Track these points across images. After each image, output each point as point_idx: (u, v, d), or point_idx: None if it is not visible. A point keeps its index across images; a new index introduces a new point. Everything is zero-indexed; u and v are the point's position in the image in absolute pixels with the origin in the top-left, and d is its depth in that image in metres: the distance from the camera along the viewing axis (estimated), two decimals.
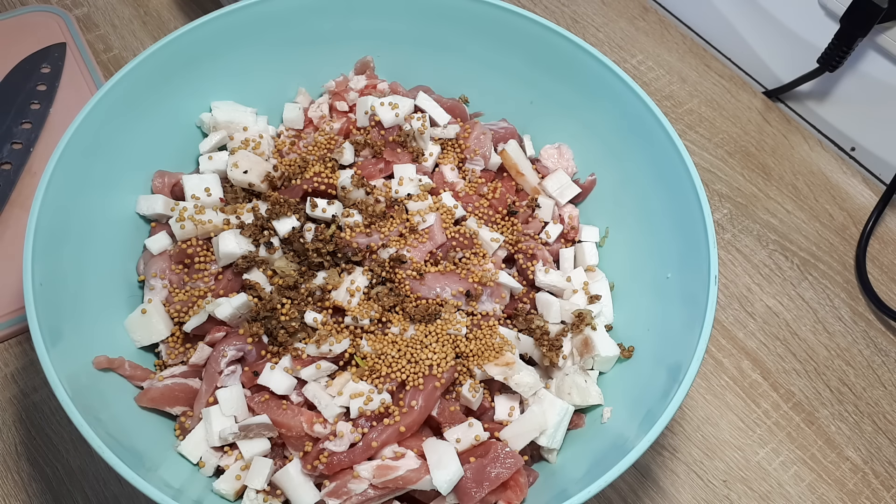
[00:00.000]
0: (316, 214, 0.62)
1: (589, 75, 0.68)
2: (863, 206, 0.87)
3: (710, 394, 0.74)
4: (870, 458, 0.72)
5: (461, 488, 0.54)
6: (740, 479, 0.70)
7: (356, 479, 0.53)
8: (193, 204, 0.63)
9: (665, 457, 0.70)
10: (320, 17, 0.71)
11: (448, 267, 0.61)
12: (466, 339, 0.58)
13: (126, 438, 0.52)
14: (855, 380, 0.76)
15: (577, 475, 0.54)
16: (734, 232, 0.84)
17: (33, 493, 0.64)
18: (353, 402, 0.54)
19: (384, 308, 0.58)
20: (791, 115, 0.95)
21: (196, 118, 0.70)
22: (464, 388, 0.56)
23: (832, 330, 0.79)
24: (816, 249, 0.84)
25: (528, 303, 0.64)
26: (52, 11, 0.90)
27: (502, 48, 0.71)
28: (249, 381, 0.57)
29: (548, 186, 0.70)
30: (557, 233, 0.68)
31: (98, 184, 0.61)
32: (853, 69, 0.88)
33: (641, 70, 0.95)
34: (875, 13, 0.80)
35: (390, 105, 0.67)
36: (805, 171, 0.89)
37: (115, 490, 0.64)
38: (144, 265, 0.63)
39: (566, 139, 0.72)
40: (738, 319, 0.78)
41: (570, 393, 0.59)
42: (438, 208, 0.64)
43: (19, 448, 0.66)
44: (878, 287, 0.81)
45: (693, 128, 0.91)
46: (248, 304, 0.57)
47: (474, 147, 0.68)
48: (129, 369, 0.57)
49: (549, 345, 0.60)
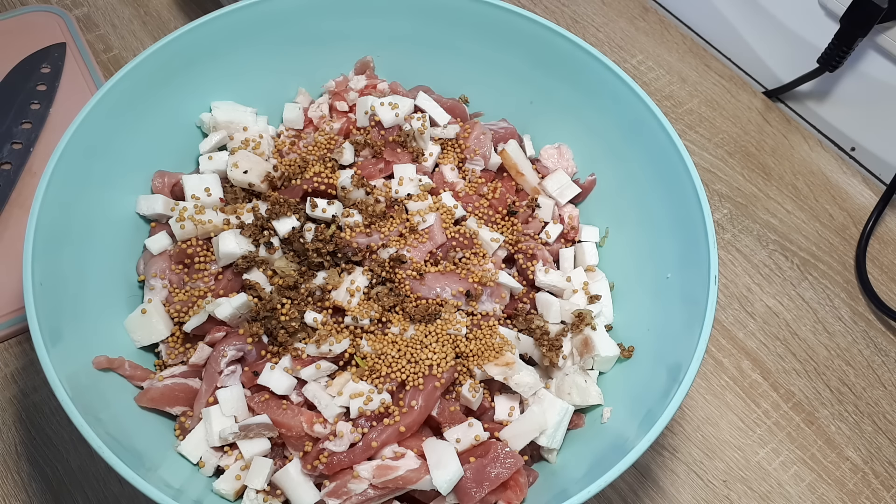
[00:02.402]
0: (316, 214, 0.62)
1: (589, 75, 0.68)
2: (863, 206, 0.87)
3: (710, 394, 0.74)
4: (870, 458, 0.72)
5: (461, 488, 0.54)
6: (740, 479, 0.70)
7: (356, 479, 0.53)
8: (193, 204, 0.63)
9: (665, 457, 0.70)
10: (320, 17, 0.71)
11: (448, 267, 0.61)
12: (466, 339, 0.58)
13: (126, 438, 0.52)
14: (855, 380, 0.76)
15: (577, 475, 0.54)
16: (734, 232, 0.84)
17: (33, 493, 0.64)
18: (353, 402, 0.54)
19: (384, 308, 0.59)
20: (791, 115, 0.95)
21: (196, 118, 0.70)
22: (464, 388, 0.56)
23: (832, 330, 0.79)
24: (816, 249, 0.84)
25: (528, 303, 0.64)
26: (52, 11, 0.90)
27: (502, 48, 0.71)
28: (249, 381, 0.57)
29: (548, 186, 0.70)
30: (557, 233, 0.68)
31: (98, 184, 0.61)
32: (853, 69, 0.88)
33: (641, 70, 0.95)
34: (875, 13, 0.80)
35: (390, 105, 0.67)
36: (805, 171, 0.89)
37: (115, 490, 0.64)
38: (144, 265, 0.63)
39: (566, 139, 0.72)
40: (738, 319, 0.78)
41: (570, 393, 0.59)
42: (438, 208, 0.64)
43: (19, 448, 0.66)
44: (878, 287, 0.81)
45: (693, 128, 0.91)
46: (248, 304, 0.57)
47: (474, 147, 0.68)
48: (129, 369, 0.57)
49: (549, 345, 0.60)
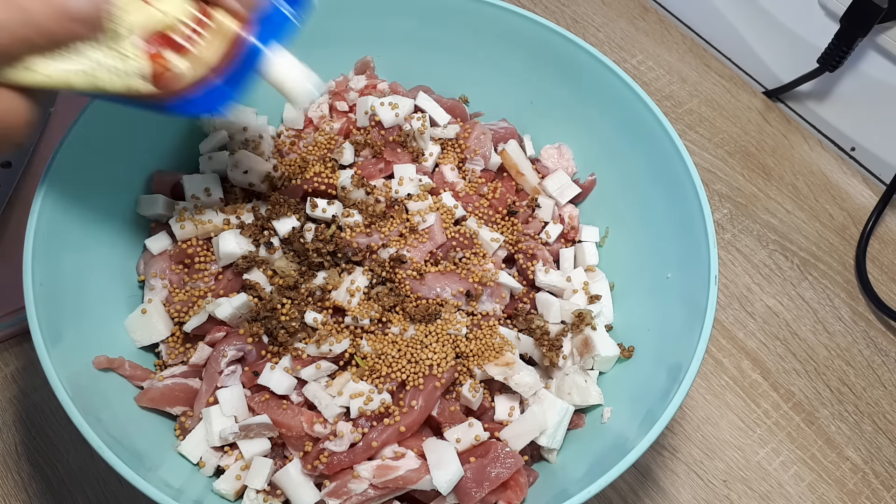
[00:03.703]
0: (316, 214, 0.62)
1: (589, 75, 0.68)
2: (863, 206, 0.87)
3: (710, 394, 0.74)
4: (870, 458, 0.72)
5: (461, 488, 0.54)
6: (740, 479, 0.70)
7: (356, 479, 0.53)
8: (193, 204, 0.63)
9: (665, 457, 0.70)
10: (320, 17, 0.71)
11: (448, 267, 0.61)
12: (466, 339, 0.58)
13: (126, 438, 0.52)
14: (855, 380, 0.76)
15: (577, 475, 0.54)
16: (734, 232, 0.84)
17: (33, 493, 0.64)
18: (354, 402, 0.54)
19: (384, 308, 0.59)
20: (791, 115, 0.95)
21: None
22: (464, 388, 0.56)
23: (832, 330, 0.79)
24: (816, 249, 0.84)
25: (528, 303, 0.64)
26: None
27: (502, 48, 0.71)
28: (249, 381, 0.57)
29: (548, 186, 0.70)
30: (557, 233, 0.68)
31: (98, 184, 0.61)
32: (853, 69, 0.88)
33: (641, 70, 0.95)
34: (875, 13, 0.80)
35: (390, 105, 0.67)
36: (805, 171, 0.89)
37: (116, 490, 0.64)
38: (144, 265, 0.63)
39: (566, 139, 0.72)
40: (738, 319, 0.78)
41: (570, 393, 0.59)
42: (438, 208, 0.64)
43: (19, 448, 0.66)
44: (878, 287, 0.81)
45: (693, 128, 0.91)
46: (249, 304, 0.57)
47: (474, 147, 0.68)
48: (129, 369, 0.57)
49: (549, 345, 0.60)
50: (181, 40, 0.44)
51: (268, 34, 0.48)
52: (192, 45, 0.44)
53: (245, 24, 0.47)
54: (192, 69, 0.45)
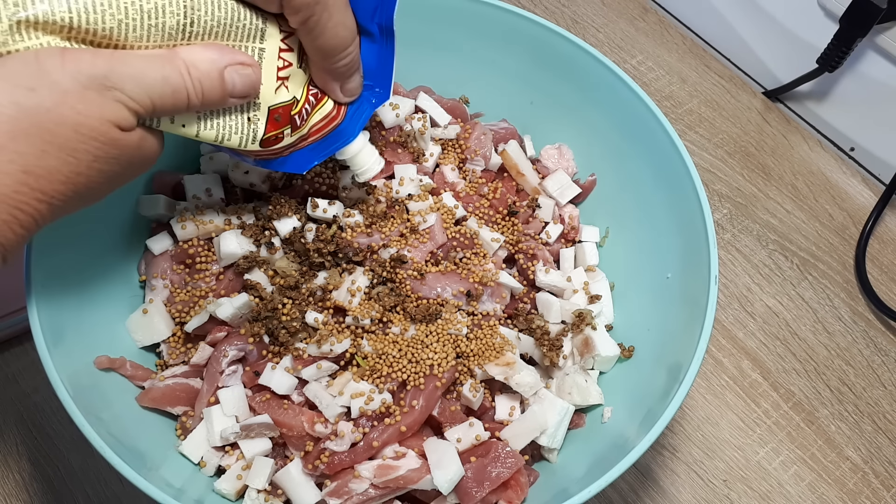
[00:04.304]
0: (317, 215, 0.62)
1: (589, 76, 0.68)
2: (862, 206, 0.87)
3: (710, 393, 0.74)
4: (870, 457, 0.72)
5: (462, 488, 0.54)
6: (740, 479, 0.70)
7: (357, 478, 0.53)
8: (195, 204, 0.63)
9: (665, 456, 0.70)
10: None
11: (449, 267, 0.61)
12: (467, 338, 0.58)
13: (127, 438, 0.52)
14: (855, 380, 0.76)
15: (577, 475, 0.54)
16: (734, 232, 0.84)
17: (34, 492, 0.64)
18: (354, 402, 0.54)
19: (385, 308, 0.59)
20: (791, 116, 0.96)
21: None
22: (464, 387, 0.57)
23: (832, 330, 0.79)
24: (816, 249, 0.84)
25: (528, 303, 0.64)
26: None
27: (502, 48, 0.71)
28: (250, 380, 0.57)
29: (548, 186, 0.70)
30: (558, 233, 0.68)
31: None
32: (853, 69, 0.88)
33: (641, 70, 0.95)
34: (874, 13, 0.80)
35: (391, 105, 0.67)
36: (805, 171, 0.89)
37: (117, 490, 0.64)
38: (145, 265, 0.63)
39: (566, 139, 0.73)
40: (738, 319, 0.79)
41: (571, 393, 0.59)
42: (439, 208, 0.64)
43: (20, 448, 0.66)
44: (877, 287, 0.81)
45: (693, 128, 0.91)
46: (250, 304, 0.57)
47: (475, 147, 0.69)
48: (130, 369, 0.57)
49: (549, 345, 0.60)
50: (297, 118, 0.51)
51: (355, 120, 0.56)
52: (301, 122, 0.52)
53: (341, 106, 0.55)
54: (293, 138, 0.52)
